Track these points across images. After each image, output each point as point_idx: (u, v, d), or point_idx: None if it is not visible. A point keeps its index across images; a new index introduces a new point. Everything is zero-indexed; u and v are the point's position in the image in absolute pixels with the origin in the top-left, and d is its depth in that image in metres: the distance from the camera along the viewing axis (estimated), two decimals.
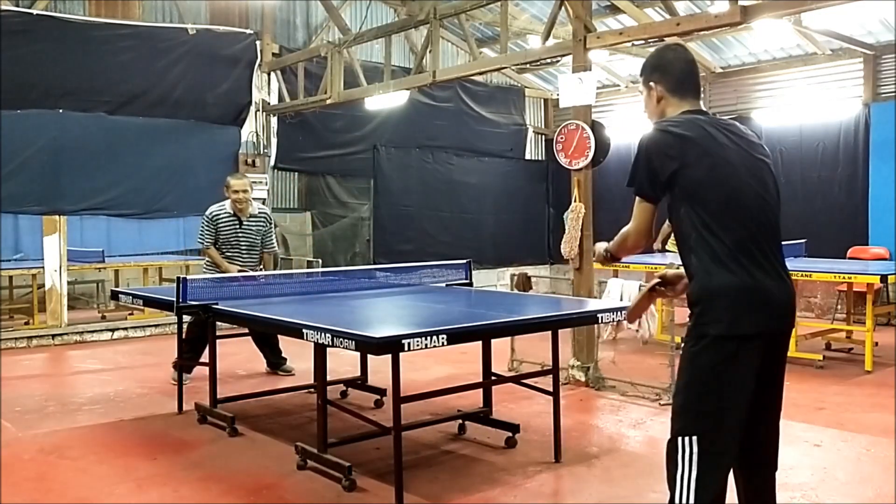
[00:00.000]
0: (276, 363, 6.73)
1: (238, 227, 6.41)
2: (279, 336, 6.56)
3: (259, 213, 6.54)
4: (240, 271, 6.20)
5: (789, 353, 7.75)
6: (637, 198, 2.61)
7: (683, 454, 2.45)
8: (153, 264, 9.92)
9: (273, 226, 6.68)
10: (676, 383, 2.57)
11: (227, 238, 6.39)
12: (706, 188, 2.44)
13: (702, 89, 2.83)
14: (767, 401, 2.59)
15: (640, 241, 2.66)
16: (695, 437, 2.43)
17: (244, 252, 6.44)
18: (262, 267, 6.59)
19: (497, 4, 7.88)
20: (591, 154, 6.25)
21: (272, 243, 6.64)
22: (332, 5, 10.65)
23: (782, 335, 2.57)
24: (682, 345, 2.54)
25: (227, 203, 6.40)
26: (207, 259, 6.50)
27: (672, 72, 2.65)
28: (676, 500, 2.44)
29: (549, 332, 4.37)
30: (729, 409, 2.43)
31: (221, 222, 6.36)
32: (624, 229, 2.70)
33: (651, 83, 2.68)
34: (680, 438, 2.47)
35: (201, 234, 6.41)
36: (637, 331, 7.08)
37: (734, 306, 2.39)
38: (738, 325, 2.39)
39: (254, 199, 6.70)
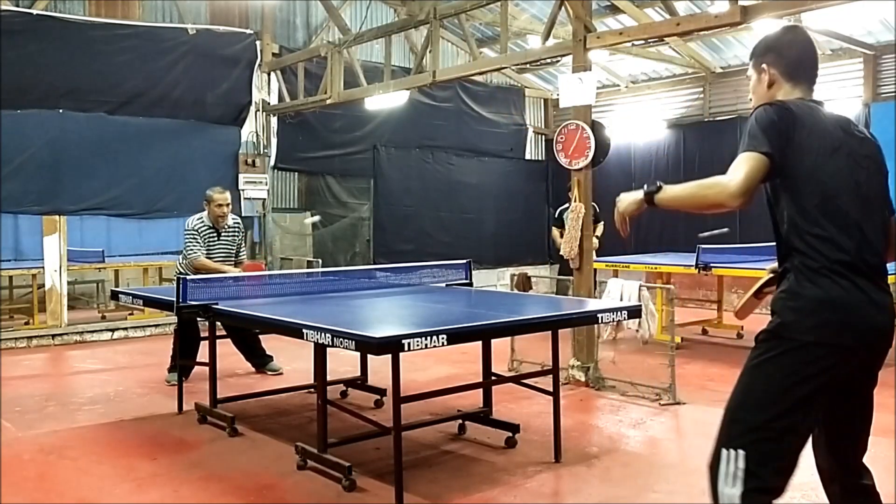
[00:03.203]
0: (261, 363, 6.73)
1: (216, 238, 6.45)
2: (259, 336, 6.66)
3: (234, 223, 6.58)
4: None
5: None
6: (746, 154, 2.19)
7: (727, 469, 2.17)
8: (153, 264, 9.92)
9: (243, 234, 6.70)
10: (735, 388, 2.29)
11: (207, 250, 6.41)
12: (810, 182, 2.21)
13: (817, 74, 2.56)
14: (855, 419, 2.41)
15: (735, 198, 2.14)
16: (741, 452, 2.16)
17: (221, 262, 6.45)
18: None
19: (497, 4, 7.88)
20: (591, 154, 6.26)
21: (243, 253, 6.72)
22: (332, 5, 10.64)
23: (876, 354, 2.28)
24: (753, 348, 2.28)
25: (205, 215, 6.42)
26: (185, 268, 6.32)
27: (789, 54, 2.39)
28: None
29: (549, 332, 4.37)
30: (792, 428, 2.17)
31: (203, 234, 6.39)
32: (713, 179, 2.21)
33: (764, 65, 2.40)
34: (724, 450, 2.19)
35: (193, 247, 6.30)
36: (637, 331, 7.07)
37: (827, 315, 2.16)
38: (829, 335, 2.16)
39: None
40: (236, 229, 6.59)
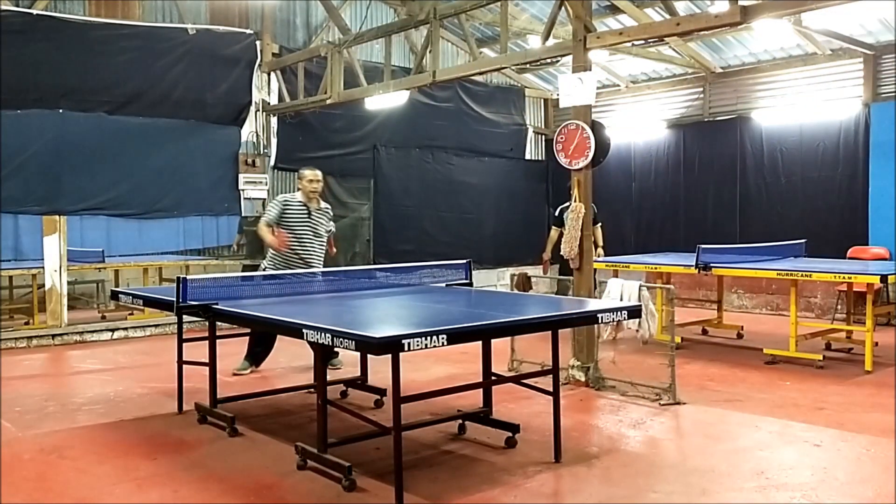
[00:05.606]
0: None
1: (307, 216, 6.61)
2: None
3: (324, 207, 6.84)
4: (304, 257, 6.54)
5: (789, 354, 7.72)
6: None
7: None
8: (153, 264, 9.91)
9: (331, 219, 6.98)
10: None
11: (294, 225, 6.57)
12: None
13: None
14: None
15: None
16: None
17: (310, 239, 6.64)
18: (332, 249, 7.00)
19: (497, 4, 7.88)
20: (591, 154, 6.25)
21: (333, 229, 7.00)
22: (332, 5, 10.65)
23: None
24: None
25: (298, 193, 6.70)
26: (270, 254, 6.69)
27: None
28: None
29: (549, 332, 4.37)
30: None
31: (291, 209, 6.59)
32: None
33: None
34: None
35: (268, 212, 6.62)
36: (637, 331, 7.08)
37: None
38: None
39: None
40: (327, 213, 6.84)
